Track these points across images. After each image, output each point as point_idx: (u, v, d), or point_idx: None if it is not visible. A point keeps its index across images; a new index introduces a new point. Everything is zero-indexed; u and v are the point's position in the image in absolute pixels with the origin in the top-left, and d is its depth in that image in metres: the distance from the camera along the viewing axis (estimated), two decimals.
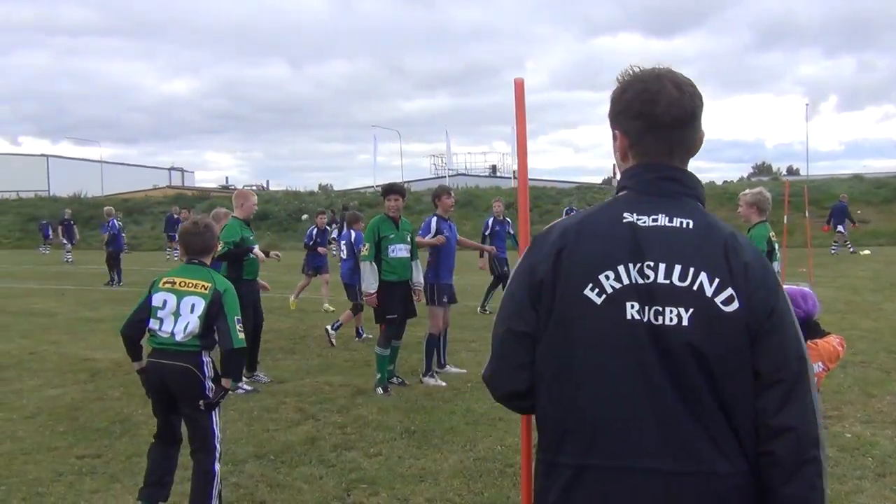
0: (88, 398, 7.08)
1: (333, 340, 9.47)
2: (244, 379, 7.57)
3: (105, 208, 20.52)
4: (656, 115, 1.60)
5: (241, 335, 4.02)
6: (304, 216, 37.75)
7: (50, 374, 8.11)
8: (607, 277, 1.54)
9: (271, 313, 12.69)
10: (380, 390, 7.03)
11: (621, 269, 1.54)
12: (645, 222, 1.58)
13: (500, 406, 6.01)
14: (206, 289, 4.02)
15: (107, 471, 5.09)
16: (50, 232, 31.50)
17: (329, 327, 9.64)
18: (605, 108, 1.73)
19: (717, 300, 1.50)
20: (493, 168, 61.75)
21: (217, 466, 4.04)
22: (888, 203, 30.43)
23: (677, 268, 1.52)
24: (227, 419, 6.22)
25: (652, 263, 1.53)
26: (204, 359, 4.03)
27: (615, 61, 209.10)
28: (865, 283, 15.50)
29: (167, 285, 4.05)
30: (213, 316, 3.98)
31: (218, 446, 4.06)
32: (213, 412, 4.06)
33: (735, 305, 1.50)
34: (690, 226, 1.57)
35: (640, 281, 1.53)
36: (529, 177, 2.15)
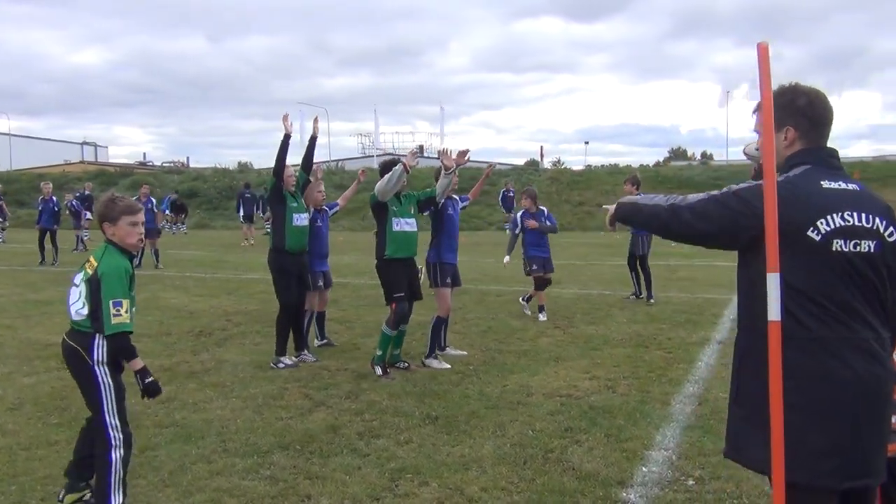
0: (69, 386, 6.53)
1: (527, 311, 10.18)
2: (293, 357, 7.44)
3: (42, 184, 19.53)
4: (822, 116, 2.47)
5: (117, 319, 3.74)
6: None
7: (16, 360, 7.55)
8: (821, 223, 2.30)
9: (231, 295, 12.30)
10: (378, 370, 6.80)
11: (829, 217, 2.31)
12: (833, 186, 2.37)
13: (514, 389, 5.96)
14: (91, 269, 3.88)
15: None
16: None
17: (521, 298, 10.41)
18: (528, 90, 1.82)
19: (885, 234, 2.38)
20: (421, 148, 61.48)
21: (113, 455, 3.87)
22: None
23: (863, 215, 2.35)
24: (232, 408, 5.94)
25: (849, 213, 2.33)
26: (95, 342, 3.83)
27: (537, 44, 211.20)
28: None
29: (84, 264, 4.00)
30: (95, 299, 3.80)
31: (112, 434, 3.87)
32: (103, 399, 3.84)
33: (895, 237, 2.40)
34: (858, 188, 2.43)
35: (843, 224, 2.31)
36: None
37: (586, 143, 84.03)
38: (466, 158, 7.29)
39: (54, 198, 18.44)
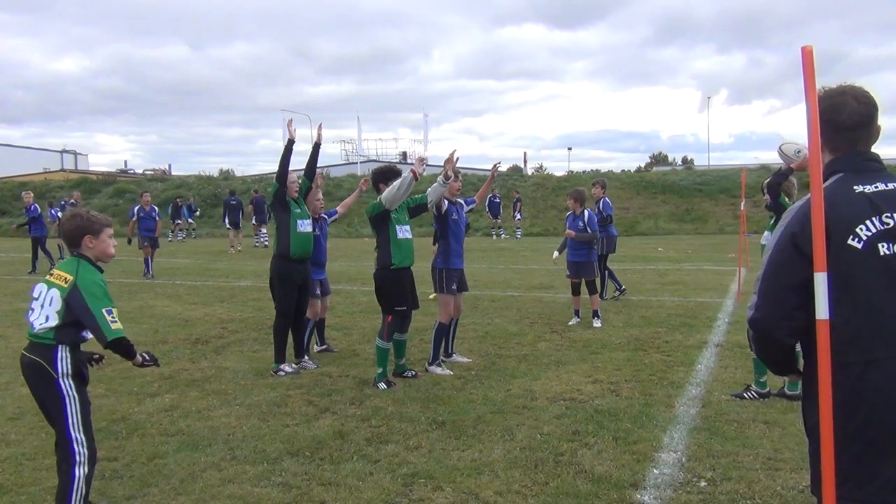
0: None
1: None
2: (293, 364, 7.39)
3: (23, 193, 19.27)
4: (848, 120, 2.33)
5: (115, 325, 3.76)
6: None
7: (12, 370, 7.44)
8: (861, 229, 2.20)
9: (225, 302, 12.23)
10: (382, 385, 6.66)
11: (868, 222, 2.20)
12: (868, 189, 2.27)
13: (518, 394, 5.97)
14: (66, 282, 3.82)
15: (132, 474, 4.70)
16: None
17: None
18: (510, 96, 1.84)
19: None
20: (404, 154, 61.54)
21: (77, 471, 3.78)
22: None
23: None
24: (237, 415, 5.91)
25: (888, 214, 2.22)
26: (59, 354, 3.78)
27: (520, 51, 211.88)
28: None
29: (48, 277, 3.95)
30: (75, 310, 3.76)
31: (77, 449, 3.79)
32: (67, 412, 3.78)
33: None
34: None
35: (884, 227, 2.20)
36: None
37: (569, 148, 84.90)
38: (456, 159, 6.98)
39: (34, 205, 18.23)
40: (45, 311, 3.80)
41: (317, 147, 7.40)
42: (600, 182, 12.43)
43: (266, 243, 26.60)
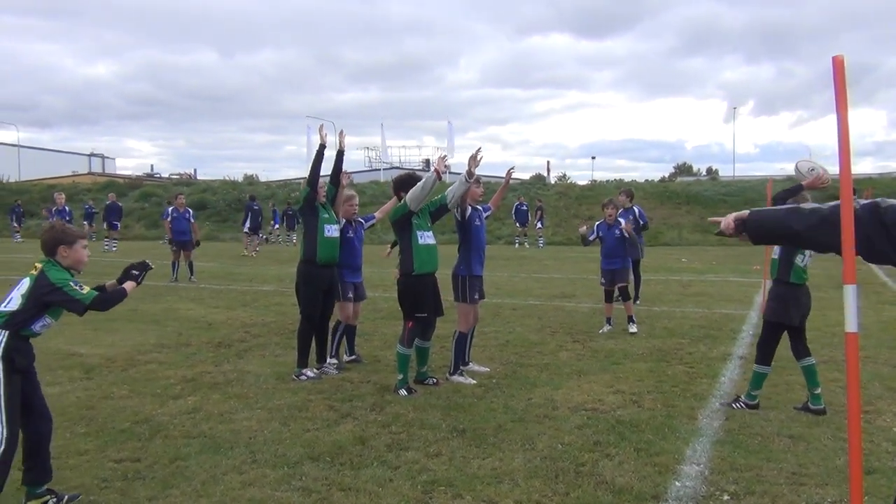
0: (94, 396, 6.62)
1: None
2: (315, 369, 7.42)
3: (55, 194, 19.56)
4: None
5: (84, 290, 4.18)
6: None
7: (38, 370, 7.53)
8: None
9: (248, 307, 12.31)
10: (403, 392, 6.65)
11: None
12: None
13: (539, 403, 5.95)
14: (37, 269, 4.20)
15: (154, 476, 4.73)
16: None
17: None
18: (536, 105, 1.79)
19: None
20: (427, 162, 61.72)
21: None
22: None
23: None
24: (258, 419, 5.94)
25: None
26: None
27: (546, 60, 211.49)
28: (823, 281, 15.63)
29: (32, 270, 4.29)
30: (43, 293, 4.10)
31: None
32: None
33: None
34: None
35: None
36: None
37: (593, 157, 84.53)
38: (480, 157, 6.78)
39: (67, 207, 18.52)
40: (11, 294, 4.12)
41: (340, 154, 7.40)
42: (627, 192, 12.36)
43: (257, 248, 27.10)
